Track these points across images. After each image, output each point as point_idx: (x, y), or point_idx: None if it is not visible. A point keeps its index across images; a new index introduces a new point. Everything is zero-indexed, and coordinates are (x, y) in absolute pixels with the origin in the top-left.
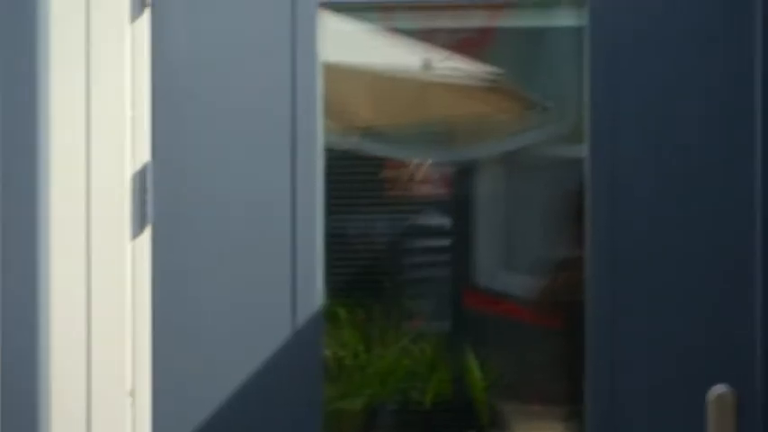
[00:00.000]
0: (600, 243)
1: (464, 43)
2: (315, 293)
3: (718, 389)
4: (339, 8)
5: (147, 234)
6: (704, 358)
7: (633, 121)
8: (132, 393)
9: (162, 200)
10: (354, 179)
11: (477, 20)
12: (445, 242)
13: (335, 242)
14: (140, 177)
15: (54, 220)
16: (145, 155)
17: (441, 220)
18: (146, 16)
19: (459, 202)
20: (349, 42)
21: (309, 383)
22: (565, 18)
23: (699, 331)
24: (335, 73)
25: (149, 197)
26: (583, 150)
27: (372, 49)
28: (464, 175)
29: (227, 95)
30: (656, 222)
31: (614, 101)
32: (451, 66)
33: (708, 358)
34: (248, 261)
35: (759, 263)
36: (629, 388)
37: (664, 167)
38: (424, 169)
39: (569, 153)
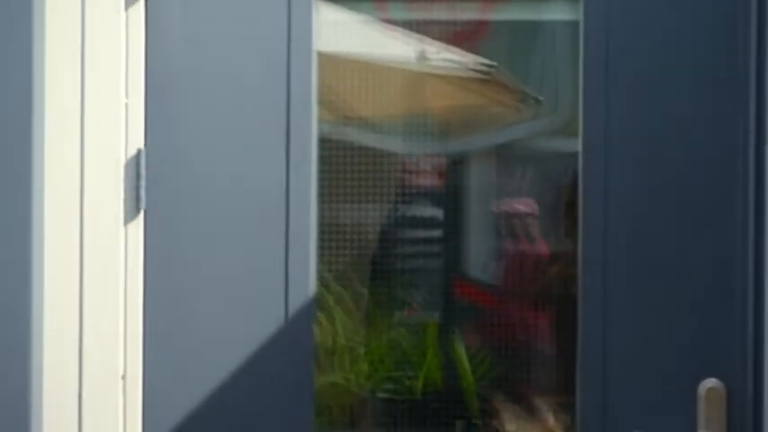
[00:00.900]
0: (592, 237)
1: (458, 35)
2: (308, 282)
3: (709, 382)
4: None
5: (140, 220)
6: (695, 352)
7: (626, 116)
8: (124, 377)
9: (155, 186)
10: (348, 169)
11: (471, 12)
12: (437, 233)
13: (329, 231)
14: (134, 164)
15: (48, 205)
16: (139, 141)
17: (433, 211)
18: (141, 3)
19: (452, 193)
20: (344, 32)
21: (301, 371)
22: (560, 12)
23: (690, 326)
24: (330, 63)
25: (143, 183)
26: (576, 144)
27: (367, 40)
28: (457, 166)
29: (222, 83)
30: (647, 217)
31: (607, 95)
32: (446, 57)
33: (698, 352)
34: (241, 248)
35: (750, 258)
36: (620, 381)
37: (656, 163)
38: (417, 160)
39: (563, 146)
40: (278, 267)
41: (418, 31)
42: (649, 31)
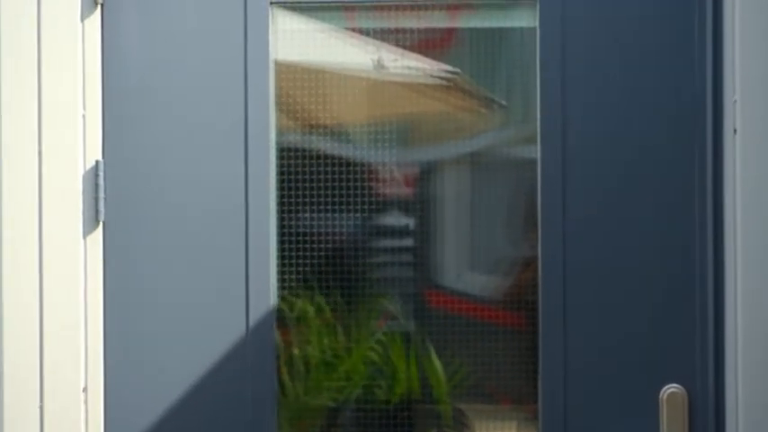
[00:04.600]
0: (551, 244)
1: (427, 44)
2: (268, 292)
3: (670, 388)
4: (291, 7)
5: (99, 232)
6: (656, 358)
7: (582, 122)
8: (85, 390)
9: (114, 198)
10: (309, 178)
11: (438, 20)
12: (406, 242)
13: (289, 241)
14: (92, 175)
15: (6, 218)
16: (97, 153)
17: (400, 220)
18: (97, 14)
19: (421, 202)
20: (307, 41)
21: (263, 381)
22: (525, 19)
23: (650, 333)
24: (292, 72)
25: (101, 195)
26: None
27: (330, 49)
28: (425, 175)
29: (180, 94)
30: (606, 223)
31: (564, 102)
32: (407, 65)
33: (659, 358)
34: (201, 259)
35: (710, 263)
36: (582, 388)
37: (613, 169)
38: (384, 169)
39: (531, 153)
40: (238, 278)
41: (386, 40)
42: (605, 35)
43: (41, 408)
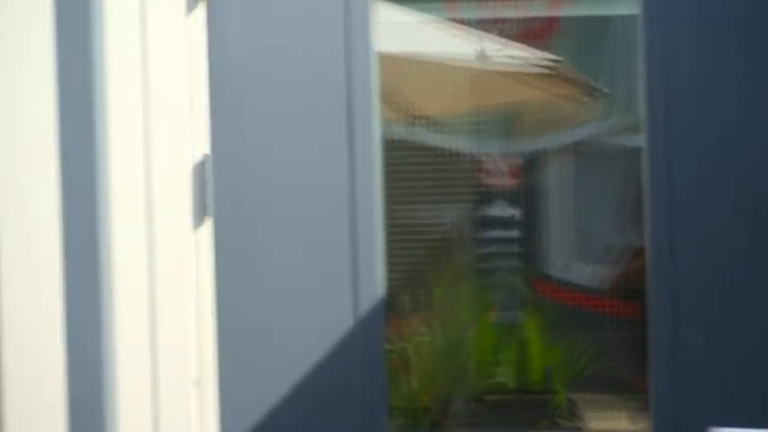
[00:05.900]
0: (658, 232)
1: (528, 33)
2: (376, 284)
3: None
4: None
5: (208, 225)
6: (764, 344)
7: (689, 111)
8: (198, 382)
9: (222, 191)
10: (416, 169)
11: (539, 9)
12: (514, 233)
13: (397, 233)
14: (200, 169)
15: (115, 212)
16: (204, 147)
17: (508, 211)
18: (201, 9)
19: (526, 192)
20: (410, 33)
21: (373, 372)
22: (626, 6)
23: (761, 321)
24: (396, 64)
25: (209, 189)
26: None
27: (433, 40)
28: (530, 165)
29: (284, 87)
30: (713, 211)
31: (669, 90)
32: (510, 54)
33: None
34: (309, 251)
35: None
36: (693, 376)
37: (719, 155)
38: (489, 160)
39: (635, 142)
40: (346, 270)
41: (488, 30)
42: (710, 21)
43: (154, 401)
